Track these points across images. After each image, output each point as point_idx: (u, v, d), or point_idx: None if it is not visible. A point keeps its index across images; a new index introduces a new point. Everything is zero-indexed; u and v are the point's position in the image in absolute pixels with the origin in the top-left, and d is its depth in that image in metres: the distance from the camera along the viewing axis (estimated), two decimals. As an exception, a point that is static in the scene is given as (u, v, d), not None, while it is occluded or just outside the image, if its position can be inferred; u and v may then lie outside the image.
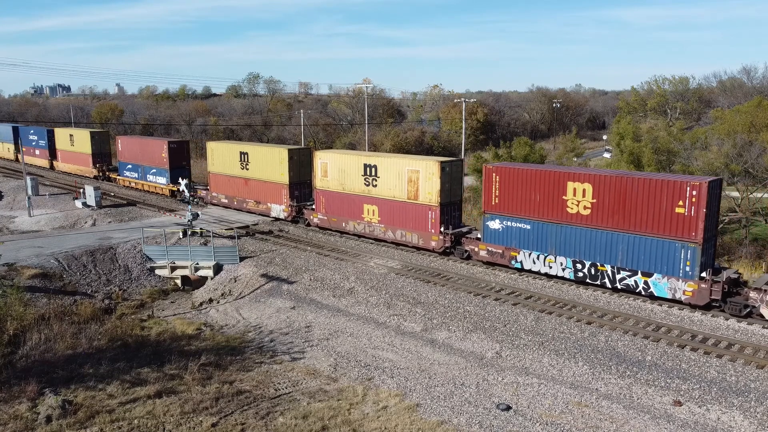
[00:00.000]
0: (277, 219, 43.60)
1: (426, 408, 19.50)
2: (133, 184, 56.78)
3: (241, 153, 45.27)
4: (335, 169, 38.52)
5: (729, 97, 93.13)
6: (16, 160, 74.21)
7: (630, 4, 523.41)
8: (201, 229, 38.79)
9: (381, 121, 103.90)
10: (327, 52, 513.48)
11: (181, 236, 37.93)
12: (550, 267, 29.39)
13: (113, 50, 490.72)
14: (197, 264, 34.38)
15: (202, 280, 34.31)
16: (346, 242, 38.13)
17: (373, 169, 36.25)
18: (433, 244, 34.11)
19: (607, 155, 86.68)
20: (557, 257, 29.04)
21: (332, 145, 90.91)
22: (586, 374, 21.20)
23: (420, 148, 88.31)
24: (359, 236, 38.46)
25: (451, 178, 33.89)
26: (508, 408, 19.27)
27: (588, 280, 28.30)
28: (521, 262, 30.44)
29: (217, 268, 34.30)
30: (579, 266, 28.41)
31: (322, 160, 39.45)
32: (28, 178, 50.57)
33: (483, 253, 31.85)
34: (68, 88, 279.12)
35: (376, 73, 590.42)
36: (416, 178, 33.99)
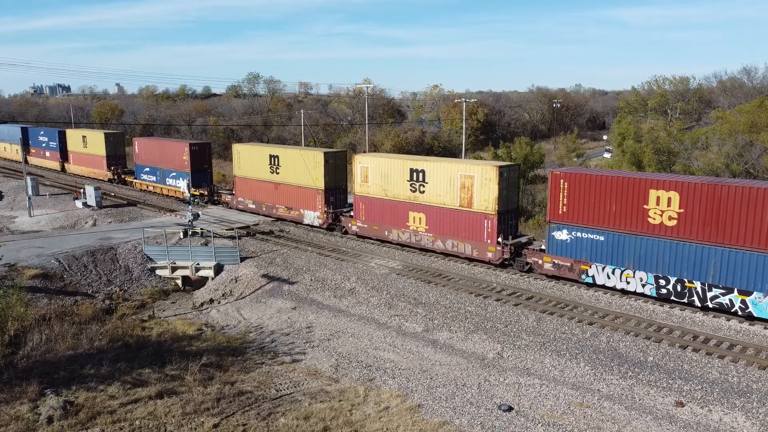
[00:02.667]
0: (311, 226, 41.56)
1: (428, 409, 19.48)
2: (150, 188, 54.63)
3: (270, 156, 43.13)
4: (377, 174, 36.21)
5: (729, 97, 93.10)
6: (26, 162, 73.21)
7: (630, 4, 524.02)
8: (202, 229, 38.77)
9: (381, 121, 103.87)
10: (327, 52, 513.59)
11: (181, 236, 37.91)
12: (628, 282, 26.94)
13: (113, 50, 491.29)
14: (198, 264, 34.35)
15: (203, 281, 34.30)
16: (347, 242, 38.10)
17: (420, 174, 33.99)
18: (490, 255, 31.66)
19: (607, 155, 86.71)
20: (636, 272, 26.56)
21: (332, 145, 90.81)
22: (588, 375, 21.19)
23: (420, 148, 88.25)
24: (403, 246, 36.22)
25: (508, 184, 31.49)
26: (510, 409, 19.25)
27: (673, 298, 25.85)
28: (593, 276, 28.00)
29: (218, 269, 34.28)
30: (662, 282, 25.97)
31: (363, 164, 37.13)
32: (28, 178, 50.55)
33: (548, 266, 29.49)
34: (68, 88, 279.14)
35: (376, 73, 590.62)
36: (470, 184, 31.62)
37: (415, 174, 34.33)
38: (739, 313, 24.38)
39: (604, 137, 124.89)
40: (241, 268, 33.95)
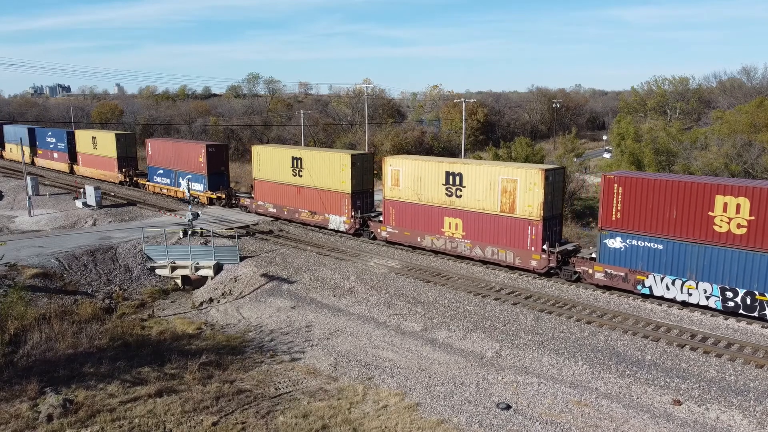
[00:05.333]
0: (336, 231, 40.16)
1: (426, 407, 19.55)
2: (164, 191, 52.94)
3: (293, 158, 41.52)
4: (410, 177, 34.73)
5: (729, 97, 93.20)
6: (32, 163, 71.78)
7: (630, 3, 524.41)
8: (201, 228, 38.84)
9: (381, 121, 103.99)
10: (327, 52, 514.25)
11: (181, 236, 37.99)
12: (690, 294, 25.36)
13: (113, 50, 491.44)
14: (197, 264, 34.42)
15: (203, 280, 34.37)
16: (346, 242, 38.17)
17: (457, 178, 32.47)
18: (534, 263, 30.18)
19: (606, 155, 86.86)
20: (699, 283, 25.01)
21: (332, 145, 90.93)
22: (586, 373, 21.25)
23: (420, 148, 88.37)
24: (437, 253, 34.69)
25: (553, 188, 30.00)
26: (508, 407, 19.32)
27: (741, 311, 24.22)
28: (650, 287, 26.45)
29: (218, 268, 34.35)
30: (729, 294, 24.37)
31: (394, 166, 35.54)
32: (28, 177, 50.62)
33: (599, 275, 27.94)
34: (68, 88, 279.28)
35: (376, 73, 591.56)
36: (513, 188, 30.14)
37: (451, 177, 32.82)
38: None
39: (604, 137, 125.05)
40: (240, 268, 34.02)
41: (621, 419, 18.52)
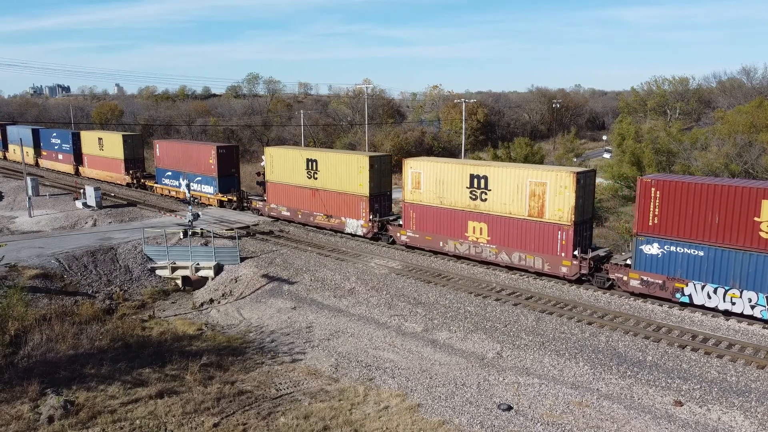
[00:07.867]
0: (353, 236, 39.27)
1: (427, 408, 19.55)
2: (173, 193, 52.04)
3: (308, 160, 40.57)
4: (432, 180, 33.78)
5: (729, 97, 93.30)
6: (36, 164, 71.17)
7: (630, 3, 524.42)
8: (202, 229, 38.82)
9: (381, 122, 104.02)
10: (327, 52, 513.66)
11: (181, 236, 37.97)
12: (733, 303, 24.32)
13: (112, 50, 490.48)
14: (198, 264, 34.40)
15: (203, 281, 34.35)
16: (347, 242, 38.14)
17: (482, 181, 31.56)
18: (564, 270, 29.26)
19: (606, 155, 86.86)
20: (744, 292, 24.01)
21: (332, 145, 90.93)
22: (587, 374, 21.25)
23: (420, 148, 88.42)
24: (461, 258, 33.69)
25: (584, 192, 29.21)
26: (509, 408, 19.31)
27: None
28: (690, 295, 25.38)
29: (218, 269, 34.33)
30: None
31: (414, 169, 34.58)
32: (28, 178, 50.58)
33: (635, 282, 26.91)
34: (68, 89, 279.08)
35: (376, 73, 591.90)
36: (541, 192, 29.26)
37: (475, 180, 31.87)
38: None
39: (604, 137, 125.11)
40: (241, 268, 34.01)
41: (622, 420, 18.51)
